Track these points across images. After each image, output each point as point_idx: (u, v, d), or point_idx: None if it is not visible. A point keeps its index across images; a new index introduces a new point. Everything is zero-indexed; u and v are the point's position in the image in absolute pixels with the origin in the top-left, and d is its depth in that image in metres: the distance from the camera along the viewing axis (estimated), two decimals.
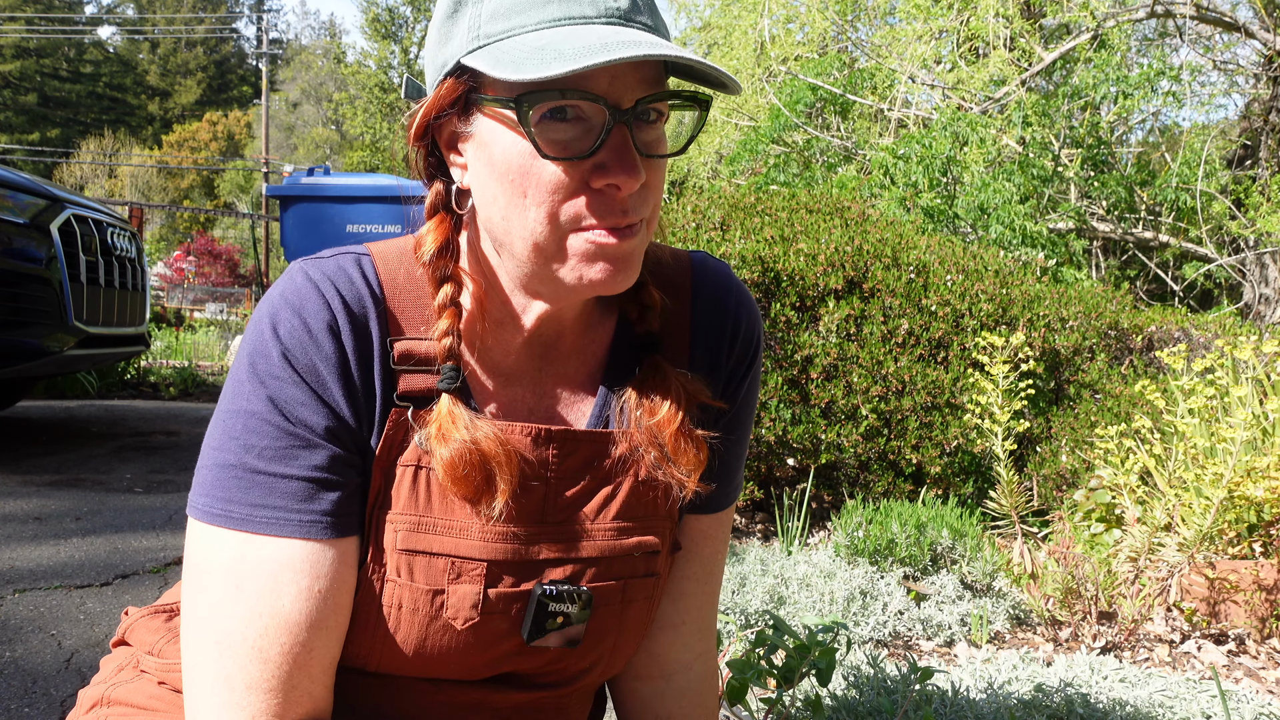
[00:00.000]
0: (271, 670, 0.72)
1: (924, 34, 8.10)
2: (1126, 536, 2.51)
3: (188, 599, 0.75)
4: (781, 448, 3.16)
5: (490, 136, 0.74)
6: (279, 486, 0.74)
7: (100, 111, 58.67)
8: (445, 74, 0.75)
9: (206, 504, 0.74)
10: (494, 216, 0.76)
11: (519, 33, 0.71)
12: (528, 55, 0.67)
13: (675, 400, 0.84)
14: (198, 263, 25.46)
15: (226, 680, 0.72)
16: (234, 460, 0.74)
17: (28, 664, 1.85)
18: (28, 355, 3.62)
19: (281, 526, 0.73)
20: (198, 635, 0.74)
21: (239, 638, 0.72)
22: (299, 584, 0.73)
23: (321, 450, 0.75)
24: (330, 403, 0.76)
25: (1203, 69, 8.61)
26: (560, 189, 0.72)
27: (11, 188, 3.71)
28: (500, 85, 0.72)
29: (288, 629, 0.73)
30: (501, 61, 0.69)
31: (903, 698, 1.53)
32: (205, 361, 9.43)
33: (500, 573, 0.80)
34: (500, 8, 0.72)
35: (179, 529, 2.92)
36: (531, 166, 0.71)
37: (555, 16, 0.70)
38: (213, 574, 0.73)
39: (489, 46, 0.71)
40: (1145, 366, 3.56)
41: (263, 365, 0.75)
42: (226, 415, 0.75)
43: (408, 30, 29.70)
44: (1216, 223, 8.07)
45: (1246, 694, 1.83)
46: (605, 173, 0.71)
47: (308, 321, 0.75)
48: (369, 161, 28.14)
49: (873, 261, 3.33)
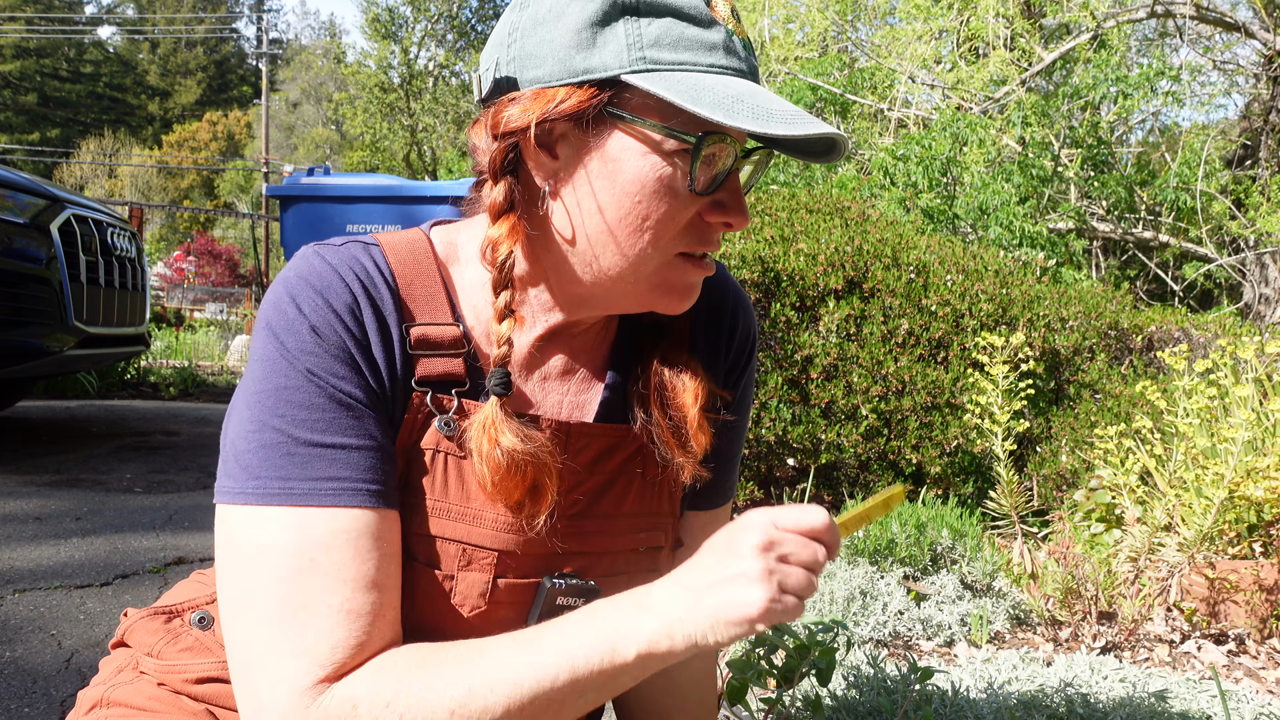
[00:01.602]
0: (361, 626, 0.71)
1: (924, 34, 8.10)
2: (1126, 536, 2.51)
3: (238, 584, 0.72)
4: (781, 448, 3.16)
5: (620, 153, 0.74)
6: (339, 457, 0.73)
7: (100, 111, 58.69)
8: (583, 81, 0.73)
9: (258, 485, 0.72)
10: (588, 228, 0.77)
11: (692, 70, 0.73)
12: (729, 103, 0.70)
13: (696, 382, 0.87)
14: (198, 263, 25.47)
15: (309, 651, 0.70)
16: (281, 438, 0.72)
17: (28, 664, 1.85)
18: (28, 355, 3.62)
19: (352, 496, 0.72)
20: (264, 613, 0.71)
21: (323, 605, 0.71)
22: (380, 549, 0.73)
23: (370, 418, 0.75)
24: (364, 377, 0.76)
25: (1203, 69, 8.61)
26: (685, 216, 0.77)
27: (11, 188, 3.71)
28: (675, 116, 0.73)
29: (375, 588, 0.72)
30: (699, 99, 0.70)
31: (903, 698, 1.53)
32: (205, 361, 9.43)
33: (510, 563, 0.81)
34: (666, 37, 0.73)
35: (179, 529, 2.92)
36: (666, 192, 0.75)
37: (720, 64, 0.74)
38: (277, 552, 0.71)
39: (662, 73, 0.72)
40: (1145, 366, 3.56)
41: (293, 342, 0.74)
42: (261, 395, 0.74)
43: (408, 30, 29.69)
44: (1216, 223, 8.07)
45: (1246, 694, 1.83)
46: (723, 210, 0.78)
47: (330, 301, 0.75)
48: (369, 161, 28.12)
49: (873, 261, 3.33)
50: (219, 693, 0.86)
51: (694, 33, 0.74)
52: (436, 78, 29.51)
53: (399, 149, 27.97)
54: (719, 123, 0.69)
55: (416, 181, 6.64)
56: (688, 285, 0.80)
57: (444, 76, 29.78)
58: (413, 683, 0.69)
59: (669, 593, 0.70)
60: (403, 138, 27.83)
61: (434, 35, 30.20)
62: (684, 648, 0.68)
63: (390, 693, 0.69)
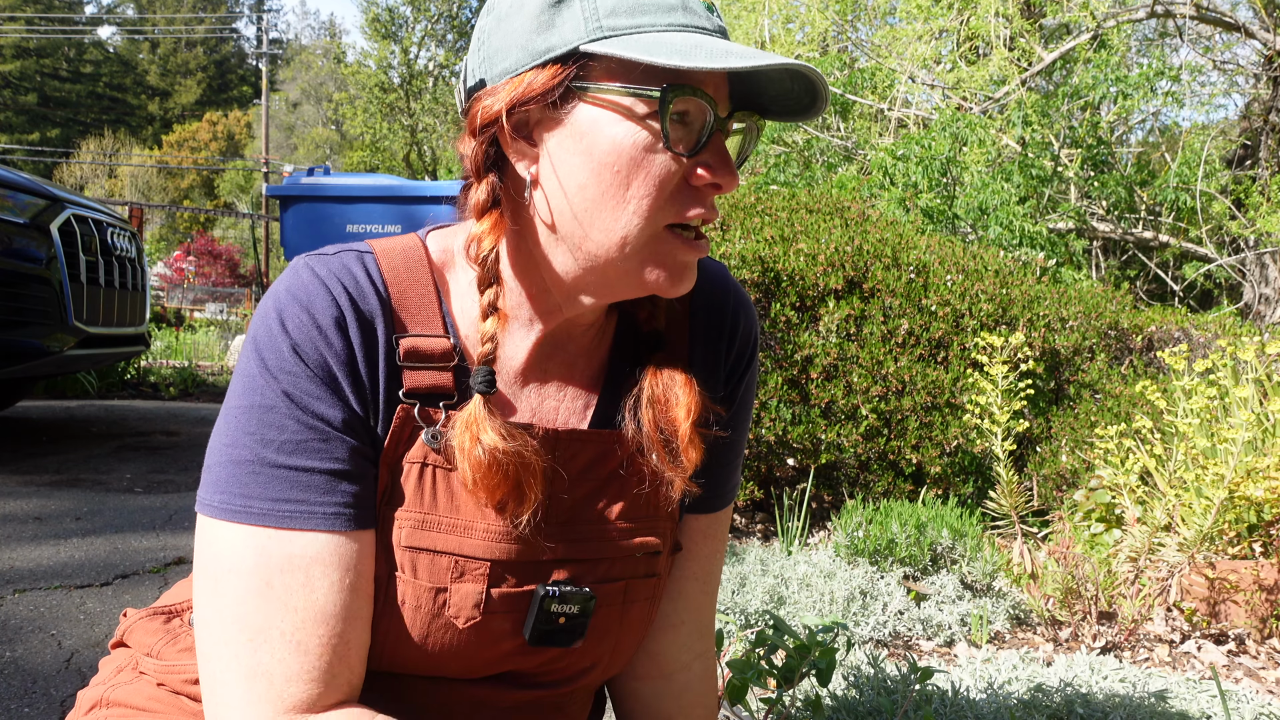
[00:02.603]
0: (312, 661, 0.72)
1: (924, 34, 8.10)
2: (1126, 536, 2.51)
3: (205, 598, 0.74)
4: (781, 448, 3.16)
5: (591, 125, 0.73)
6: (300, 479, 0.73)
7: (100, 111, 58.69)
8: (546, 60, 0.73)
9: (223, 500, 0.73)
10: (573, 208, 0.75)
11: (651, 30, 0.72)
12: (686, 49, 0.69)
13: (690, 396, 0.85)
14: (198, 263, 25.47)
15: (265, 674, 0.71)
16: (250, 455, 0.73)
17: (28, 664, 1.85)
18: (28, 355, 3.62)
19: (306, 519, 0.73)
20: (224, 633, 0.72)
21: (275, 632, 0.71)
22: (330, 577, 0.73)
23: (339, 442, 0.75)
24: (343, 396, 0.75)
25: (1203, 69, 8.61)
26: (669, 181, 0.74)
27: (11, 188, 3.71)
28: (637, 74, 0.72)
29: (325, 620, 0.72)
30: (654, 51, 0.69)
31: (903, 698, 1.53)
32: (205, 361, 9.43)
33: (503, 573, 0.80)
34: (622, 4, 0.72)
35: (179, 529, 2.92)
36: (644, 158, 0.73)
37: (682, 22, 0.73)
38: (237, 571, 0.72)
39: (622, 38, 0.71)
40: (1145, 366, 3.56)
41: (274, 360, 0.74)
42: (238, 411, 0.74)
43: (408, 30, 29.68)
44: (1216, 223, 8.07)
45: (1246, 694, 1.83)
46: (710, 170, 0.75)
47: (316, 317, 0.75)
48: (369, 161, 28.11)
49: (873, 261, 3.33)
50: None
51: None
52: (436, 78, 29.50)
53: (399, 149, 27.96)
54: (675, 66, 0.68)
55: (416, 181, 6.64)
56: (681, 264, 0.78)
57: (444, 76, 29.77)
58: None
59: None
60: (403, 138, 27.82)
61: (434, 35, 30.20)
62: None
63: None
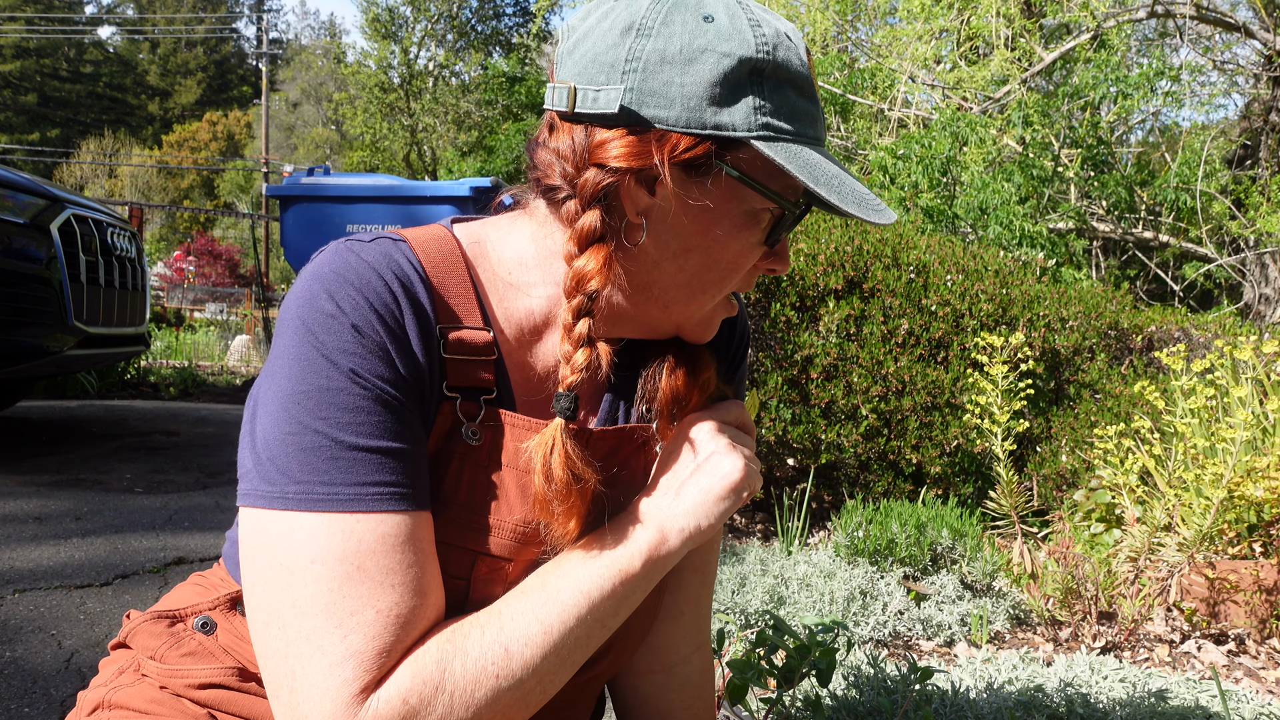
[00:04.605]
0: (407, 630, 0.71)
1: (924, 34, 8.10)
2: (1126, 536, 2.51)
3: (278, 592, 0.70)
4: (781, 448, 3.16)
5: (720, 204, 0.78)
6: (381, 462, 0.72)
7: (100, 111, 58.67)
8: (713, 135, 0.75)
9: (301, 490, 0.70)
10: (665, 267, 0.80)
11: (804, 142, 0.78)
12: (833, 182, 0.76)
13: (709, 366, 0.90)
14: (198, 263, 25.45)
15: (355, 656, 0.68)
16: (324, 441, 0.70)
17: (28, 664, 1.85)
18: (28, 355, 3.62)
19: (397, 501, 0.72)
20: (306, 626, 0.69)
21: (371, 612, 0.69)
22: (425, 552, 0.73)
23: (412, 418, 0.74)
24: (404, 378, 0.74)
25: (1203, 69, 8.61)
26: (748, 266, 0.83)
27: (11, 188, 3.71)
28: (779, 179, 0.78)
29: (420, 592, 0.72)
30: (815, 177, 0.75)
31: (903, 698, 1.53)
32: (205, 361, 9.44)
33: (521, 572, 0.81)
34: (785, 108, 0.77)
35: (179, 529, 2.92)
36: (748, 245, 0.80)
37: (818, 136, 0.80)
38: (323, 559, 0.70)
39: (783, 144, 0.76)
40: (1145, 366, 3.56)
41: (333, 341, 0.72)
42: (298, 397, 0.71)
43: (408, 30, 29.67)
44: (1216, 223, 8.07)
45: (1246, 694, 1.84)
46: (775, 260, 0.84)
47: (370, 300, 0.74)
48: (369, 161, 28.08)
49: (873, 261, 3.33)
50: (221, 698, 0.86)
51: (803, 105, 0.78)
52: (436, 78, 29.48)
53: (399, 149, 27.95)
54: (830, 202, 0.74)
55: (416, 181, 6.63)
56: (718, 322, 0.87)
57: (444, 76, 29.75)
58: (452, 660, 0.70)
59: (650, 502, 0.80)
60: (403, 138, 27.80)
61: (434, 35, 30.18)
62: (680, 543, 0.78)
63: (435, 677, 0.69)
